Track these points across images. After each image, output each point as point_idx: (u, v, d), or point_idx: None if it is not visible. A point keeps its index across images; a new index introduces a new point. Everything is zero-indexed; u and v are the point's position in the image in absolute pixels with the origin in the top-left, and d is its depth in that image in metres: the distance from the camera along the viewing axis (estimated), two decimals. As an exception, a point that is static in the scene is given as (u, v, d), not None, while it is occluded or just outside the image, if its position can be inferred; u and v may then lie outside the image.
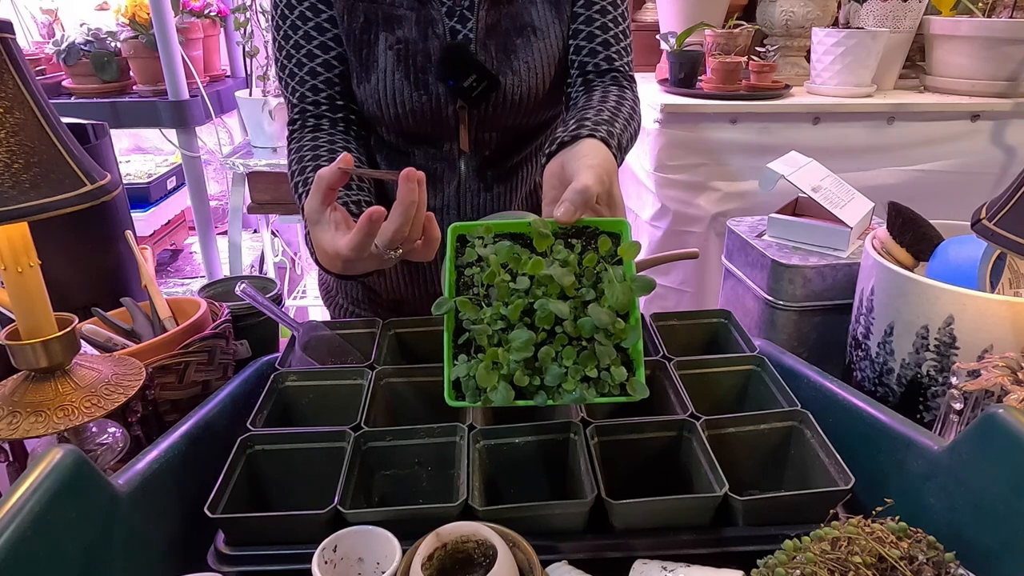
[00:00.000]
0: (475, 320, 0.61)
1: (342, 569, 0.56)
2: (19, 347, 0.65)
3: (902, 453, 0.64)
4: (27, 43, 2.53)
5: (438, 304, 0.62)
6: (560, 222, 0.65)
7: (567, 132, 0.78)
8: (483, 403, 0.59)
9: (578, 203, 0.65)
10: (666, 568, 0.56)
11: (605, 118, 0.81)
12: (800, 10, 1.91)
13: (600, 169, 0.70)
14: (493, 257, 0.63)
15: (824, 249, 1.09)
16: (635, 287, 0.61)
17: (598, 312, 0.59)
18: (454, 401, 0.60)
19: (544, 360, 0.58)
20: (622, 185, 1.59)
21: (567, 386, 0.58)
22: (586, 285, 0.62)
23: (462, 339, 0.62)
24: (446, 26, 0.90)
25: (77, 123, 1.29)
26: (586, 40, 0.94)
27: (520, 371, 0.58)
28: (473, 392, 0.59)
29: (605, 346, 0.59)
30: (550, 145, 0.78)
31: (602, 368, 0.59)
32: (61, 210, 0.60)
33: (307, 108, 0.93)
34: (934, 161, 1.80)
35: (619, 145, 0.80)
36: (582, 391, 0.58)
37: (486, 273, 0.62)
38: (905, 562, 0.47)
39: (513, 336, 0.59)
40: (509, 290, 0.61)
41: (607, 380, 0.59)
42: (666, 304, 1.93)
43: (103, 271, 1.19)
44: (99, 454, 0.72)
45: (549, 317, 0.59)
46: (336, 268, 0.74)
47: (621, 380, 0.58)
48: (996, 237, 0.67)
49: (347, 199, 0.81)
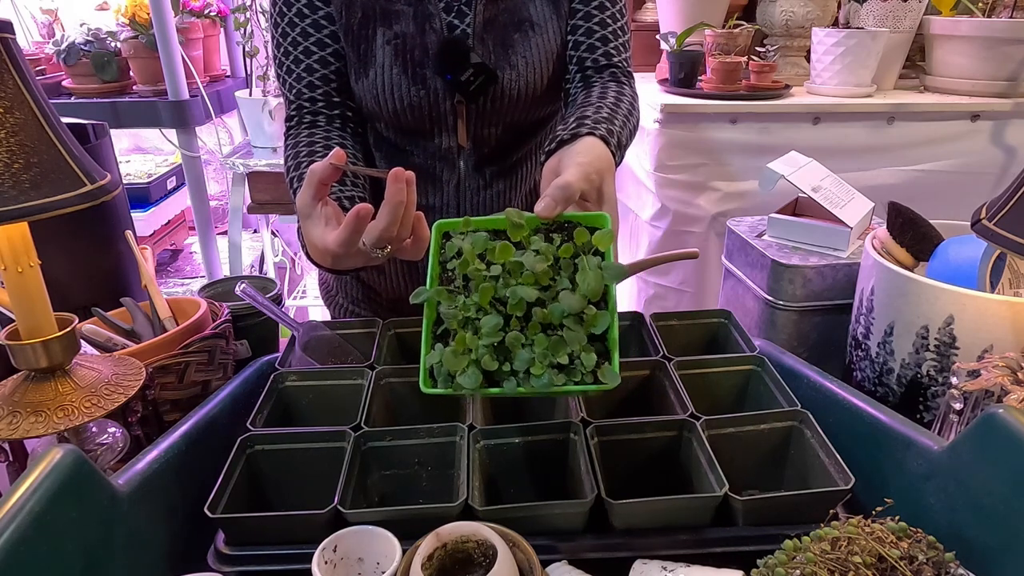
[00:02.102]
0: (449, 308, 0.61)
1: (342, 569, 0.56)
2: (19, 347, 0.66)
3: (902, 453, 0.64)
4: (27, 43, 2.53)
5: (416, 293, 0.63)
6: (540, 216, 0.65)
7: (567, 130, 0.78)
8: (454, 389, 0.58)
9: (558, 198, 0.65)
10: (666, 568, 0.56)
11: (604, 115, 0.81)
12: (800, 10, 1.91)
13: (588, 166, 0.70)
14: (468, 247, 0.63)
15: (824, 249, 1.09)
16: (606, 273, 0.60)
17: (568, 297, 0.59)
18: (428, 388, 0.60)
19: (512, 345, 0.58)
20: (622, 185, 1.59)
21: (535, 370, 0.57)
22: (563, 276, 0.61)
23: (440, 330, 0.62)
24: (443, 21, 0.90)
25: (77, 123, 1.29)
26: (584, 36, 0.94)
27: (489, 356, 0.58)
28: (445, 378, 0.59)
29: (574, 332, 0.58)
30: (550, 143, 0.78)
31: (574, 356, 0.58)
32: (61, 210, 0.60)
33: (304, 104, 0.93)
34: (934, 161, 1.80)
35: (618, 143, 0.80)
36: (551, 376, 0.57)
37: (460, 262, 0.63)
38: (905, 562, 0.47)
39: (482, 321, 0.59)
40: (482, 278, 0.61)
41: (579, 368, 0.58)
42: (666, 304, 1.92)
43: (103, 271, 1.19)
44: (99, 454, 0.72)
45: (520, 304, 0.59)
46: (325, 262, 0.75)
47: (591, 366, 0.57)
48: (996, 237, 0.67)
49: (340, 195, 0.81)
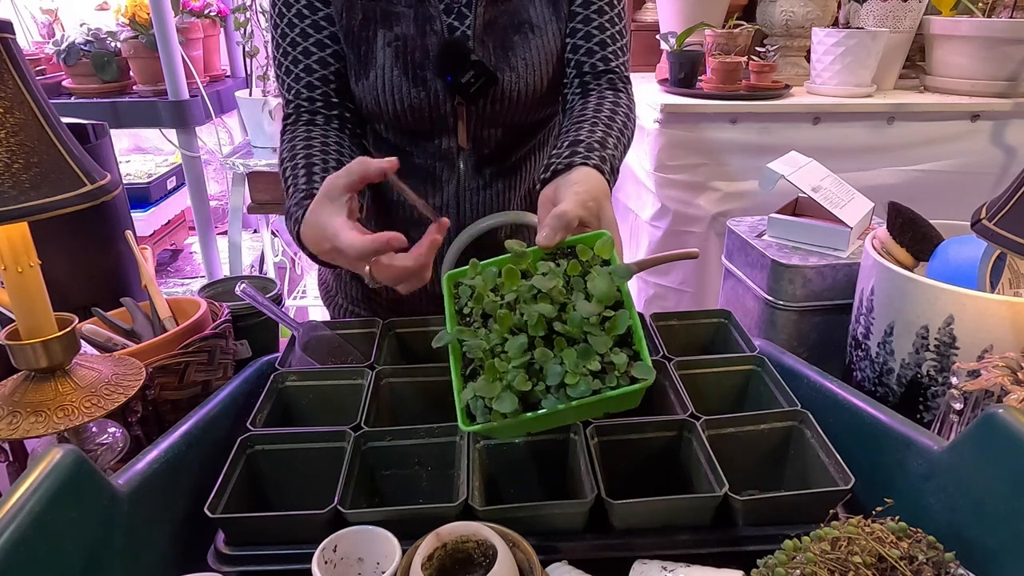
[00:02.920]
0: (473, 342, 0.61)
1: (342, 569, 0.56)
2: (19, 347, 0.66)
3: (902, 453, 0.64)
4: (27, 43, 2.53)
5: (439, 338, 0.62)
6: (541, 247, 0.66)
7: (560, 159, 0.78)
8: (493, 418, 0.57)
9: (556, 227, 0.67)
10: (666, 568, 0.56)
11: (598, 139, 0.82)
12: (800, 10, 1.91)
13: (585, 195, 0.71)
14: (480, 283, 0.64)
15: (824, 249, 1.09)
16: (615, 275, 0.61)
17: (584, 305, 0.59)
18: (467, 426, 0.58)
19: (541, 360, 0.58)
20: (622, 185, 1.59)
21: (570, 380, 0.57)
22: (576, 292, 0.62)
23: (468, 370, 0.62)
24: (444, 23, 0.90)
25: (77, 123, 1.29)
26: (583, 39, 0.94)
27: (520, 377, 0.57)
28: (483, 411, 0.58)
29: (598, 337, 0.58)
30: (545, 171, 0.79)
31: (604, 360, 0.58)
32: (61, 210, 0.60)
33: (302, 104, 0.93)
34: (934, 161, 1.80)
35: (612, 168, 0.81)
36: (587, 383, 0.57)
37: (474, 296, 0.63)
38: (905, 562, 0.47)
39: (508, 344, 0.59)
40: (498, 306, 0.62)
41: (612, 372, 0.58)
42: (666, 304, 1.92)
43: (103, 271, 1.19)
44: (99, 454, 0.72)
45: (540, 323, 0.59)
46: (317, 248, 0.75)
47: (623, 366, 0.57)
48: (996, 237, 0.67)
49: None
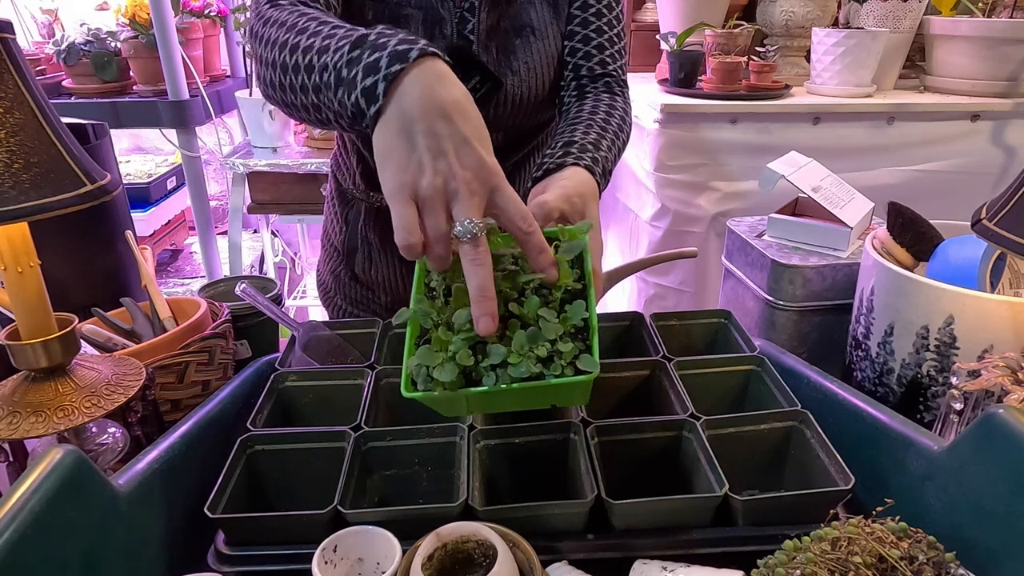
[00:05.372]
0: (422, 310, 0.61)
1: (342, 569, 0.56)
2: (19, 347, 0.66)
3: (902, 453, 0.64)
4: (27, 43, 2.53)
5: (399, 315, 0.62)
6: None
7: (553, 159, 0.78)
8: (434, 387, 0.56)
9: (536, 215, 0.66)
10: (666, 568, 0.56)
11: (591, 140, 0.81)
12: (800, 10, 1.91)
13: (571, 190, 0.71)
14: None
15: (824, 249, 1.09)
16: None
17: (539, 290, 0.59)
18: (409, 392, 0.58)
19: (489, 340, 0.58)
20: (622, 185, 1.59)
21: (512, 360, 0.56)
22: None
23: (423, 341, 0.61)
24: (453, 26, 0.90)
25: (77, 123, 1.29)
26: (581, 42, 0.94)
27: (464, 351, 0.57)
28: (424, 378, 0.57)
29: (550, 323, 0.58)
30: (537, 170, 0.78)
31: (552, 348, 0.57)
32: (61, 210, 0.60)
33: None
34: (934, 161, 1.80)
35: (604, 171, 0.81)
36: (528, 365, 0.56)
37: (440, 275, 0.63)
38: (905, 562, 0.47)
39: (455, 315, 0.58)
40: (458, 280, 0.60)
41: (559, 361, 0.57)
42: (666, 304, 1.92)
43: (103, 271, 1.19)
44: (99, 454, 0.72)
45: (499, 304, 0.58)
46: (431, 94, 0.59)
47: (570, 355, 0.56)
48: (996, 237, 0.67)
49: None
